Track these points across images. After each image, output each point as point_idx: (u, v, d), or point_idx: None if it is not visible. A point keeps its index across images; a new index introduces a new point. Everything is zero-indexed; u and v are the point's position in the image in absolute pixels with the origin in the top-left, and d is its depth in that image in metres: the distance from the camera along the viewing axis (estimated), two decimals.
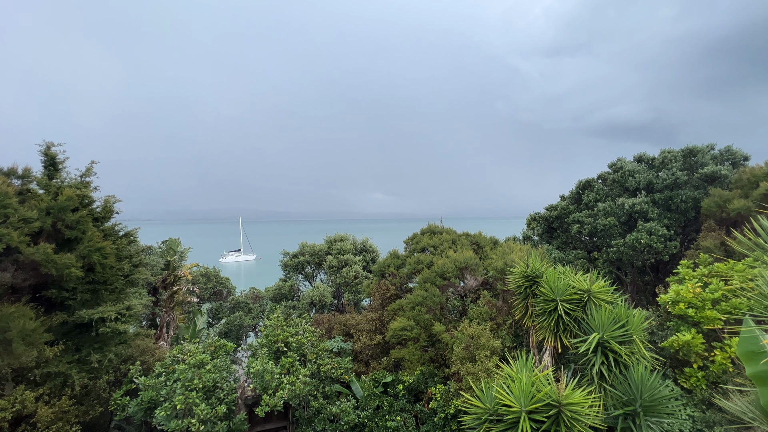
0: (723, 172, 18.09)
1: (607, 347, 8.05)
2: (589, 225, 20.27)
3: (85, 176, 12.20)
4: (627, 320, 8.23)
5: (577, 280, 9.35)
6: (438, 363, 13.72)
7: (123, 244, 12.75)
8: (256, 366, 11.22)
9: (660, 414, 7.48)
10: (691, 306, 11.09)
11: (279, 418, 13.46)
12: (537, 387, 7.43)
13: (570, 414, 6.96)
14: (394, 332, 13.72)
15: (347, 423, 11.58)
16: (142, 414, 10.82)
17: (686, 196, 18.32)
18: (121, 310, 11.50)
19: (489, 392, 8.07)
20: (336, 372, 12.71)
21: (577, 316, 9.01)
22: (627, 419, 7.49)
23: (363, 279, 22.54)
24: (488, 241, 17.16)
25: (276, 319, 13.73)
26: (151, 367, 12.64)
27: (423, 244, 17.11)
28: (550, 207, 23.92)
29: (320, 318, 17.74)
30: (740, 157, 19.36)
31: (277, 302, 23.51)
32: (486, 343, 11.01)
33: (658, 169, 20.23)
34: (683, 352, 10.48)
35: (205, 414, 9.95)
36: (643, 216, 18.90)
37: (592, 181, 22.99)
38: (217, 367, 11.31)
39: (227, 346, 12.95)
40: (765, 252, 3.97)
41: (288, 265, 25.50)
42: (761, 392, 3.85)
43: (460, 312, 14.76)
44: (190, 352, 11.92)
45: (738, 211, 15.36)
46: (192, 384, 10.51)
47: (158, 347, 14.81)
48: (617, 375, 7.94)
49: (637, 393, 7.46)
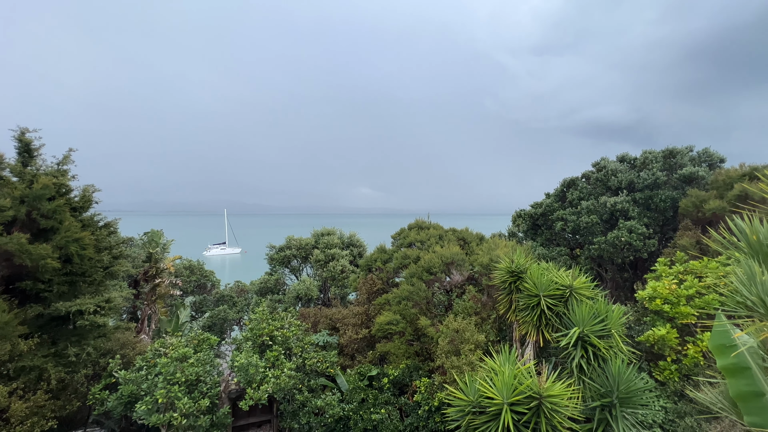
0: (700, 173, 18.72)
1: (586, 341, 8.28)
2: (573, 222, 20.73)
3: (63, 164, 11.76)
4: (606, 315, 8.49)
5: (560, 276, 9.57)
6: (423, 357, 13.88)
7: (102, 235, 12.38)
8: (240, 360, 11.13)
9: (635, 405, 7.77)
10: (666, 302, 11.50)
11: (263, 411, 13.41)
12: (519, 380, 7.61)
13: (550, 406, 7.15)
14: (380, 326, 13.79)
15: (332, 416, 11.63)
16: (122, 408, 10.62)
17: (665, 196, 18.91)
18: (100, 302, 11.20)
19: (472, 385, 8.22)
20: (321, 366, 12.72)
21: (559, 311, 9.23)
22: (604, 410, 7.75)
23: (350, 273, 22.52)
24: (474, 237, 17.36)
25: (261, 312, 13.62)
26: (131, 360, 12.39)
27: (410, 239, 17.19)
28: (535, 204, 24.33)
29: (306, 312, 17.68)
30: (717, 159, 20.06)
31: (263, 296, 23.30)
32: (470, 337, 11.18)
33: (640, 169, 20.79)
34: (658, 346, 10.88)
35: (187, 408, 9.83)
36: (624, 214, 19.43)
37: (576, 179, 23.47)
38: (200, 361, 11.17)
39: (211, 340, 12.79)
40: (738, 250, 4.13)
41: (274, 259, 25.26)
42: (730, 384, 4.03)
43: (446, 307, 14.93)
44: (172, 346, 11.73)
45: (713, 211, 15.94)
46: (174, 378, 10.35)
47: (139, 341, 14.51)
48: (596, 368, 8.19)
49: (614, 385, 7.72)
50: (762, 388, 3.82)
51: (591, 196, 21.48)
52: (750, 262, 3.60)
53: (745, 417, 3.82)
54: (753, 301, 3.40)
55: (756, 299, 3.37)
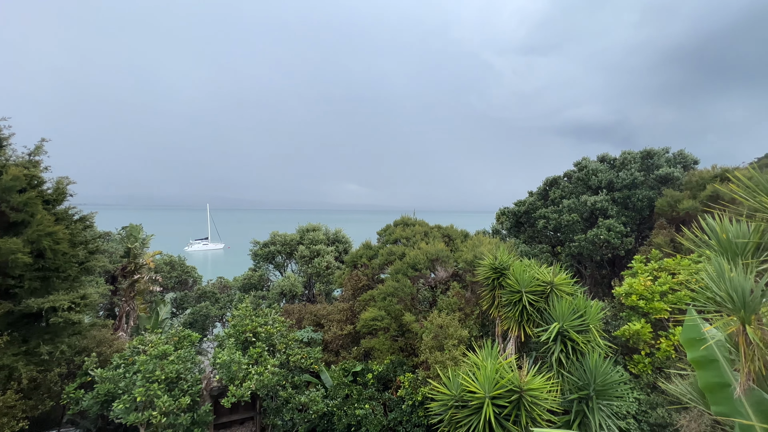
0: (675, 174, 19.42)
1: (566, 336, 8.51)
2: (554, 220, 21.20)
3: (34, 155, 11.25)
4: (585, 311, 8.73)
5: (541, 273, 9.78)
6: (407, 352, 14.00)
7: (78, 229, 11.94)
8: (222, 356, 10.97)
9: (610, 397, 8.04)
10: (642, 298, 11.93)
11: (246, 408, 13.28)
12: (500, 374, 7.77)
13: (530, 399, 7.33)
14: (365, 322, 13.82)
15: (316, 412, 11.61)
16: (98, 407, 10.32)
17: (642, 196, 19.55)
18: (74, 299, 10.82)
19: (455, 380, 8.34)
20: (305, 362, 12.67)
21: (540, 307, 9.45)
22: (581, 403, 8.00)
23: (335, 269, 22.45)
24: (459, 234, 17.55)
25: (244, 309, 13.44)
26: (108, 358, 12.04)
27: (396, 235, 17.24)
28: (519, 202, 24.76)
29: (290, 308, 17.54)
30: (691, 161, 20.85)
31: (246, 292, 22.98)
32: (454, 332, 11.34)
33: (619, 169, 21.40)
34: (633, 340, 11.29)
35: (167, 406, 9.63)
36: (604, 213, 19.99)
37: (558, 178, 23.97)
38: (180, 358, 10.94)
39: (192, 337, 12.54)
40: (709, 248, 4.32)
41: (258, 255, 24.93)
42: (699, 376, 4.22)
43: (430, 302, 15.07)
44: (151, 343, 11.45)
45: (687, 211, 16.59)
46: (154, 376, 10.12)
47: (117, 338, 14.11)
48: (574, 362, 8.43)
49: (591, 378, 7.96)
50: (728, 380, 4.01)
51: (572, 195, 22.00)
52: (720, 260, 3.76)
53: (712, 407, 4.01)
54: (722, 296, 3.56)
55: (724, 295, 3.53)
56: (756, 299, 3.40)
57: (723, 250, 4.10)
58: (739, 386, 3.51)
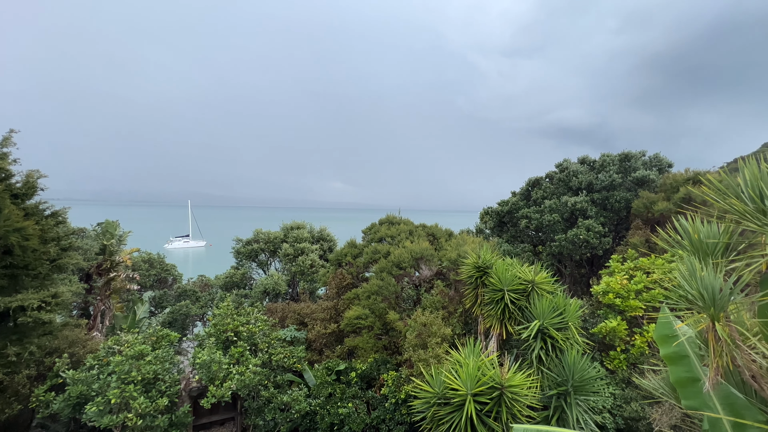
0: (651, 176, 20.10)
1: (546, 333, 8.70)
2: (536, 220, 21.63)
3: (2, 146, 10.70)
4: (564, 309, 8.94)
5: (523, 272, 9.96)
6: (391, 350, 14.03)
7: (49, 225, 11.43)
8: (202, 356, 10.73)
9: (587, 393, 8.27)
10: (618, 296, 12.30)
11: (226, 409, 13.04)
12: (482, 371, 7.87)
13: (511, 395, 7.46)
14: (349, 321, 13.77)
15: (298, 411, 11.51)
16: (70, 410, 9.93)
17: (620, 197, 20.16)
18: (45, 297, 10.35)
19: (438, 377, 8.41)
20: (288, 361, 12.53)
21: (521, 305, 9.62)
22: (560, 398, 8.20)
23: (319, 268, 22.27)
24: (443, 233, 17.69)
25: (226, 307, 13.18)
26: (81, 359, 11.59)
27: (381, 234, 17.23)
28: (502, 202, 25.15)
29: (273, 307, 17.31)
30: (665, 164, 21.62)
31: (228, 291, 22.55)
32: (437, 330, 11.42)
33: (598, 171, 22.00)
34: (609, 337, 11.64)
35: (143, 408, 9.36)
36: (583, 214, 20.52)
37: (540, 179, 24.46)
38: (158, 358, 10.65)
39: (171, 336, 12.23)
40: (681, 248, 4.47)
41: (240, 253, 24.48)
42: (671, 371, 4.38)
43: (415, 301, 15.14)
44: (128, 343, 11.10)
45: (661, 212, 17.20)
46: (129, 377, 9.81)
47: (91, 338, 13.61)
48: (553, 359, 8.63)
49: (570, 374, 8.17)
50: (698, 375, 4.17)
51: (554, 196, 22.49)
52: (691, 259, 3.91)
53: (682, 401, 4.17)
54: (693, 294, 3.69)
55: (695, 293, 3.66)
56: (725, 297, 3.54)
57: (695, 250, 4.26)
58: (708, 381, 3.66)
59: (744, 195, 3.66)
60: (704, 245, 4.17)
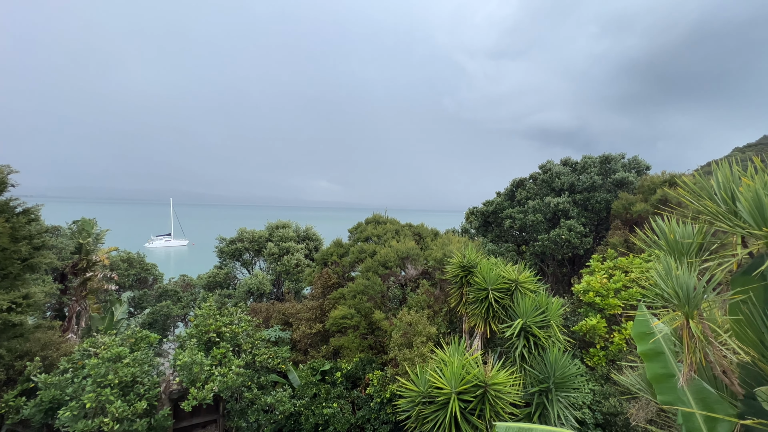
0: (630, 178, 20.70)
1: (529, 331, 8.84)
2: (520, 220, 21.99)
3: None
4: (547, 307, 9.11)
5: (507, 271, 10.09)
6: (377, 350, 14.02)
7: (20, 223, 10.96)
8: (183, 358, 10.48)
9: (568, 389, 8.44)
10: (598, 294, 12.62)
11: (208, 411, 12.78)
12: (467, 369, 7.95)
13: (494, 393, 7.55)
14: (335, 320, 13.69)
15: (282, 412, 11.38)
16: (42, 416, 9.55)
17: (600, 198, 20.69)
18: (15, 298, 9.94)
19: (423, 376, 8.45)
20: (272, 362, 12.38)
21: (505, 304, 9.75)
22: (541, 395, 8.34)
23: (305, 267, 22.07)
24: (429, 233, 17.78)
25: (208, 308, 12.92)
26: (54, 362, 11.16)
27: (367, 233, 17.20)
28: (487, 202, 25.47)
29: (258, 307, 17.07)
30: (643, 167, 22.30)
31: (211, 290, 22.11)
32: (423, 329, 11.47)
33: (580, 173, 22.52)
34: (589, 334, 11.93)
35: (120, 412, 9.07)
36: (565, 214, 20.97)
37: (524, 180, 24.87)
38: (137, 361, 10.35)
39: (150, 338, 11.91)
40: (658, 248, 4.61)
41: (224, 252, 24.05)
42: (647, 367, 4.50)
43: (400, 300, 15.18)
44: (104, 345, 10.75)
45: (639, 213, 17.73)
46: (106, 380, 9.49)
47: (65, 341, 13.12)
48: (536, 356, 8.78)
49: (551, 371, 8.32)
50: (673, 371, 4.31)
51: (537, 196, 22.91)
52: (668, 259, 4.02)
53: (658, 396, 4.30)
54: (669, 293, 3.81)
55: (671, 291, 3.78)
56: (698, 296, 3.66)
57: (670, 249, 4.39)
58: (683, 376, 3.78)
59: (717, 197, 3.80)
60: (679, 245, 4.31)
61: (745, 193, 3.37)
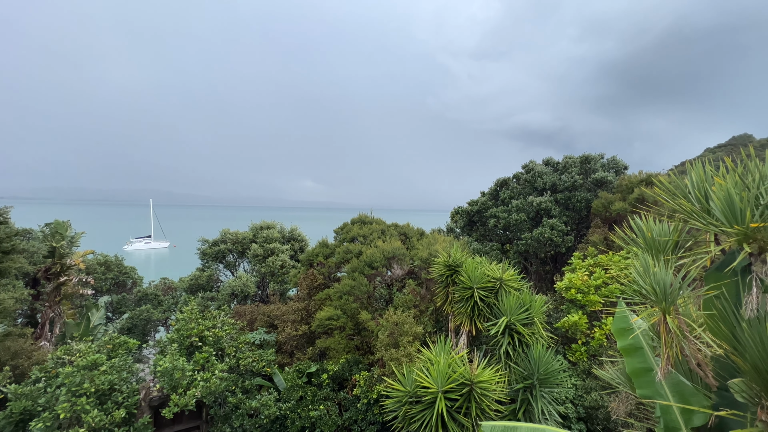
0: (609, 178, 21.29)
1: (513, 329, 8.96)
2: (504, 220, 22.31)
3: None
4: (530, 305, 9.26)
5: (492, 270, 10.21)
6: (363, 350, 13.97)
7: None
8: (164, 363, 10.18)
9: (552, 385, 8.60)
10: (579, 291, 12.91)
11: (191, 417, 12.46)
12: (453, 368, 7.99)
13: (480, 391, 7.62)
14: (321, 322, 13.57)
15: (268, 416, 11.20)
16: (12, 428, 9.11)
17: (581, 197, 21.19)
18: None
19: (410, 376, 8.46)
20: (257, 365, 12.17)
21: (490, 302, 9.86)
22: (526, 391, 8.47)
23: (290, 268, 21.80)
24: (415, 232, 17.84)
25: (190, 311, 12.60)
26: (26, 372, 10.70)
27: (353, 233, 17.12)
28: (472, 202, 25.73)
29: (242, 309, 16.76)
30: (621, 166, 22.96)
31: (193, 294, 21.57)
32: (409, 329, 11.49)
33: (561, 172, 23.01)
34: (571, 330, 12.19)
35: (97, 421, 8.74)
36: (548, 213, 21.39)
37: (508, 179, 25.25)
38: (114, 368, 9.99)
39: (129, 344, 11.53)
40: (636, 245, 4.73)
41: (206, 254, 23.51)
42: (627, 362, 4.62)
43: (387, 300, 15.16)
44: (80, 352, 10.34)
45: (618, 212, 18.24)
46: (81, 389, 9.13)
47: (37, 348, 12.58)
48: (520, 353, 8.91)
49: (535, 368, 8.46)
50: (651, 365, 4.43)
51: (520, 196, 23.29)
52: (645, 256, 4.14)
53: (637, 390, 4.41)
54: (647, 289, 3.91)
55: (649, 288, 3.88)
56: (675, 292, 3.78)
57: (648, 247, 4.52)
58: (660, 370, 3.88)
59: (691, 196, 3.92)
60: (656, 243, 4.43)
61: (718, 192, 3.49)
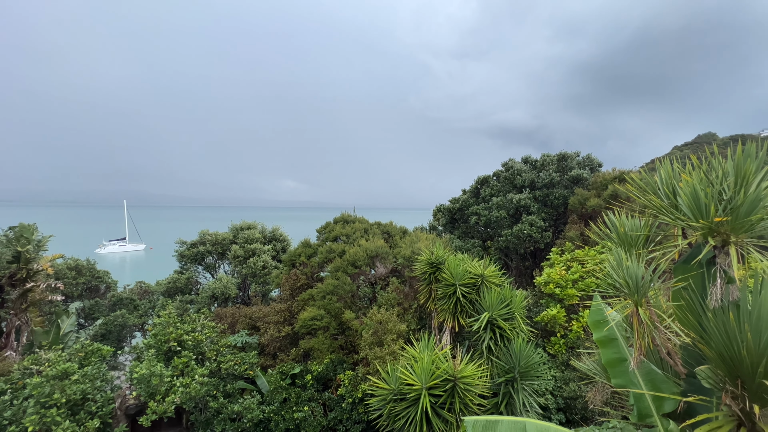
0: (584, 175, 21.96)
1: (495, 324, 9.13)
2: (485, 217, 22.69)
3: None
4: (511, 300, 9.45)
5: (473, 266, 10.37)
6: (347, 350, 13.92)
7: None
8: (140, 370, 9.85)
9: (532, 377, 8.82)
10: (558, 286, 13.28)
11: (170, 424, 12.13)
12: (436, 364, 8.08)
13: (463, 386, 7.73)
14: (304, 322, 13.44)
15: (251, 420, 11.01)
16: None
17: (558, 194, 21.78)
18: None
19: (394, 374, 8.49)
20: (239, 368, 11.94)
21: (472, 298, 10.01)
22: (508, 384, 8.66)
23: (272, 269, 21.47)
24: (398, 231, 17.90)
25: (167, 315, 12.23)
26: None
27: (336, 233, 17.02)
28: (453, 200, 26.03)
29: (223, 312, 16.39)
30: (596, 164, 23.73)
31: (171, 297, 20.95)
32: (393, 327, 11.53)
33: (539, 170, 23.57)
34: (550, 324, 12.53)
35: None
36: (527, 210, 21.89)
37: (488, 177, 25.66)
38: (87, 376, 9.59)
39: (102, 351, 11.10)
40: (610, 240, 4.90)
41: (185, 256, 22.85)
42: (602, 353, 4.78)
43: (370, 299, 15.15)
44: (49, 362, 9.87)
45: (593, 208, 18.85)
46: (51, 399, 8.71)
47: (2, 359, 11.94)
48: (502, 348, 9.09)
49: (516, 362, 8.65)
50: (625, 355, 4.60)
51: (500, 193, 23.73)
52: (618, 250, 4.29)
53: (612, 380, 4.58)
54: (620, 282, 4.06)
55: (622, 281, 4.03)
56: (646, 284, 3.93)
57: (621, 242, 4.68)
58: (633, 360, 4.04)
59: (660, 192, 4.09)
60: (628, 237, 4.61)
61: (685, 188, 3.66)
